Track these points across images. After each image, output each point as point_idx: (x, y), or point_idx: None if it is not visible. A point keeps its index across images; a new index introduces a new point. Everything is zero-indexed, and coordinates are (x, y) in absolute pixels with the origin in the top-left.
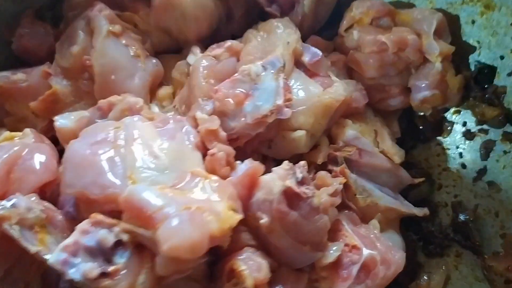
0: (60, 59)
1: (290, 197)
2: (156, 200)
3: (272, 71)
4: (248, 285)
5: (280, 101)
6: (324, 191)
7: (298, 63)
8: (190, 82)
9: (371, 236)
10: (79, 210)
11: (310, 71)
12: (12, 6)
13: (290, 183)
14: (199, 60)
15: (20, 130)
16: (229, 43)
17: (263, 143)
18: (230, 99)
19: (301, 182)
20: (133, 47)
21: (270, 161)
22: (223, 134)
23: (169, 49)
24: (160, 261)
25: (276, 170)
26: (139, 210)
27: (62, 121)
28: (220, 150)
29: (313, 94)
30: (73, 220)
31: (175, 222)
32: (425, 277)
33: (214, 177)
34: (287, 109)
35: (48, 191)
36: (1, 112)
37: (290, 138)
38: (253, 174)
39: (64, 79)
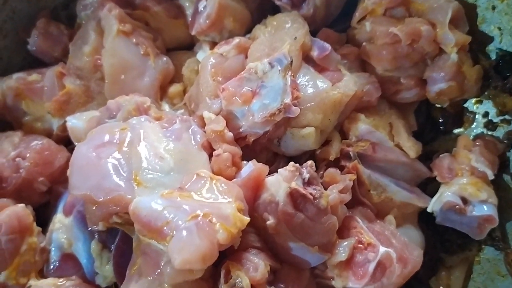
0: (73, 59)
1: (296, 198)
2: (163, 211)
3: (279, 68)
4: (244, 285)
5: (288, 100)
6: (333, 188)
7: (307, 58)
8: (199, 80)
9: (387, 232)
10: (88, 210)
11: (320, 66)
12: (28, 6)
13: (296, 184)
14: (207, 58)
15: (38, 130)
16: (237, 40)
17: (272, 141)
18: (237, 98)
19: (308, 183)
20: (143, 46)
21: (281, 158)
22: (229, 134)
23: (182, 45)
24: (170, 272)
25: (281, 171)
26: (148, 224)
27: (74, 121)
28: (226, 151)
29: (322, 90)
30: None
31: (184, 235)
32: (445, 272)
33: (221, 178)
34: (295, 107)
35: None
36: (19, 112)
37: (299, 135)
38: (257, 176)
39: (78, 79)
